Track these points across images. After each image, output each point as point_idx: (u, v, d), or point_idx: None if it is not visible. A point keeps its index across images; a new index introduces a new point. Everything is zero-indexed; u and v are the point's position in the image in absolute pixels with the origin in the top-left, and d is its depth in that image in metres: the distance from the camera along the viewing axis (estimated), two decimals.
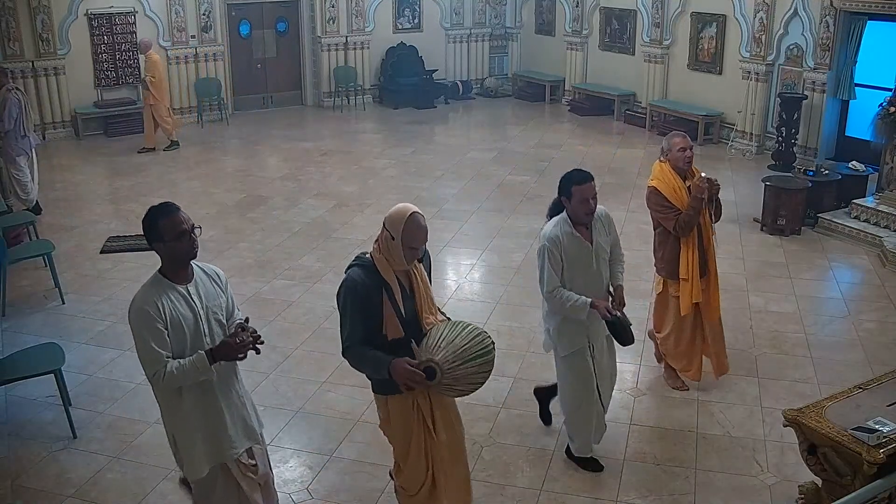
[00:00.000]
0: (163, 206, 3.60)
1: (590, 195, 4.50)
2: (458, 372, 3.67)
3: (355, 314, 3.73)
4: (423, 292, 3.85)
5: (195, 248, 3.59)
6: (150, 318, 3.45)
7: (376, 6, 16.12)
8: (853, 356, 6.36)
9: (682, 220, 5.39)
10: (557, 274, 4.58)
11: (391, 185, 11.05)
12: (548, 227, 4.67)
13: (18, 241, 8.32)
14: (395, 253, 3.72)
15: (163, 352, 3.45)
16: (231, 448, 3.70)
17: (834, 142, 11.74)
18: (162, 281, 3.57)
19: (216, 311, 3.68)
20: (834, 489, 4.03)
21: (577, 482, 4.87)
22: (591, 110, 15.31)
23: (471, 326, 3.81)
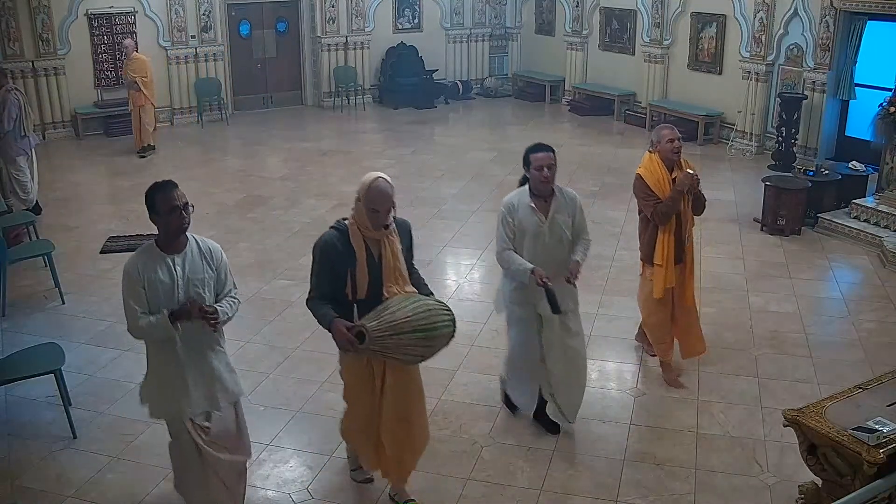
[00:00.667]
0: (161, 183, 4.03)
1: (544, 164, 4.83)
2: (390, 341, 3.98)
3: (322, 271, 4.16)
4: (391, 262, 4.17)
5: (185, 223, 4.01)
6: (131, 280, 3.97)
7: (376, 6, 16.12)
8: (853, 356, 6.36)
9: (660, 210, 5.59)
10: (508, 237, 4.91)
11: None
12: (509, 195, 5.05)
13: (18, 241, 8.32)
14: (360, 216, 4.12)
15: (137, 308, 3.94)
16: (183, 406, 4.09)
17: (834, 142, 11.75)
18: (152, 248, 4.05)
19: (197, 283, 4.07)
20: (834, 489, 4.03)
21: (577, 482, 4.87)
22: (591, 110, 15.32)
23: (423, 303, 4.11)
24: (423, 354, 4.16)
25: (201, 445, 4.12)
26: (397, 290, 4.17)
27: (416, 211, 9.85)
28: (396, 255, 4.21)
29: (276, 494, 4.77)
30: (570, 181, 10.73)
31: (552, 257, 4.91)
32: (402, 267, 4.24)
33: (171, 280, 4.00)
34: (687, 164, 5.70)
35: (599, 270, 7.99)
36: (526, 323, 5.07)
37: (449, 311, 4.20)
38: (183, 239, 4.07)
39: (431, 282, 7.64)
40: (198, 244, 4.13)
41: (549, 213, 4.93)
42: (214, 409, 4.18)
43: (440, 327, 4.11)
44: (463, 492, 4.78)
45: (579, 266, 4.94)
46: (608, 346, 6.53)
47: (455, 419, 5.52)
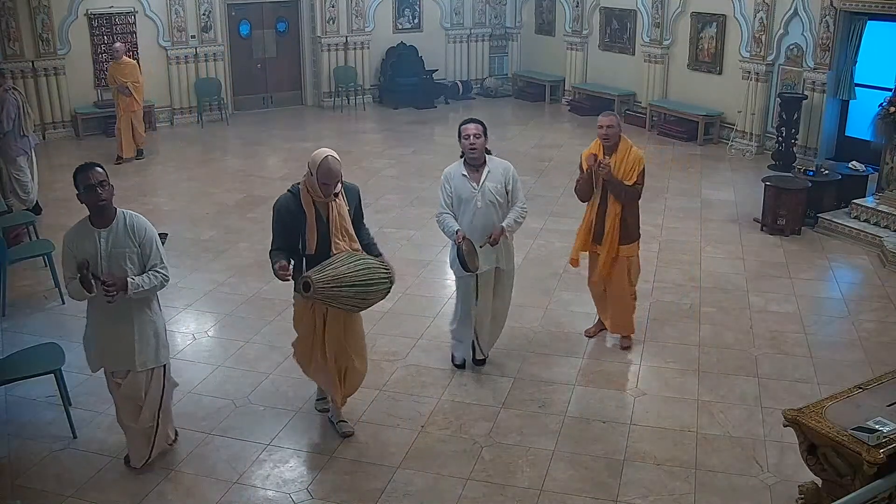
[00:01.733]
0: (83, 165, 4.55)
1: (471, 133, 5.57)
2: (331, 292, 4.62)
3: (278, 228, 4.89)
4: (337, 222, 4.82)
5: (100, 199, 4.46)
6: (65, 248, 4.60)
7: (376, 6, 16.12)
8: (853, 356, 6.36)
9: (576, 186, 6.24)
10: (445, 202, 5.65)
11: (391, 185, 11.05)
12: (449, 166, 5.76)
13: (18, 241, 8.32)
14: (312, 187, 4.76)
15: (68, 273, 4.57)
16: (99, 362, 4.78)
17: (834, 142, 11.75)
18: (85, 223, 4.60)
19: (119, 256, 4.53)
20: (834, 489, 4.03)
21: (577, 482, 4.87)
22: (591, 110, 15.26)
23: (364, 262, 4.77)
24: (358, 305, 4.84)
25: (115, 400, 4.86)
26: (345, 245, 4.84)
27: (416, 211, 9.85)
28: (343, 215, 4.86)
29: (276, 494, 4.78)
30: (570, 181, 10.73)
31: (485, 221, 5.61)
32: (348, 226, 4.89)
33: (95, 251, 4.51)
34: (627, 151, 6.00)
35: None
36: (465, 280, 5.80)
37: (387, 270, 4.90)
38: (110, 214, 4.57)
39: (431, 282, 7.72)
40: (125, 220, 4.59)
41: (481, 180, 5.62)
42: (129, 369, 4.71)
43: (376, 283, 4.79)
44: (463, 492, 4.78)
45: (502, 231, 5.62)
46: (608, 346, 6.53)
47: (455, 419, 5.52)
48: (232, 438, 5.28)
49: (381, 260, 4.98)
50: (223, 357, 6.40)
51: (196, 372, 6.11)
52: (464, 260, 5.48)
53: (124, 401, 4.82)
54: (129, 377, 4.74)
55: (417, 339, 6.56)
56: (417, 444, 5.24)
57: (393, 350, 6.46)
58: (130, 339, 4.66)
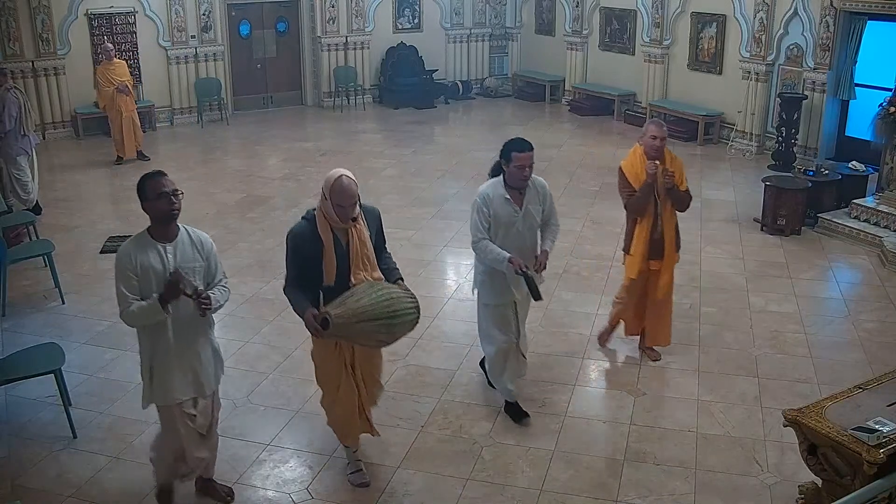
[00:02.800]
0: (151, 172, 4.21)
1: (526, 164, 4.97)
2: (354, 328, 4.19)
3: (294, 260, 4.41)
4: (358, 250, 4.38)
5: (174, 208, 4.11)
6: (123, 267, 4.11)
7: (376, 6, 16.12)
8: (853, 356, 6.36)
9: (631, 202, 5.79)
10: (483, 227, 5.08)
11: (391, 185, 11.05)
12: (484, 185, 5.19)
13: (18, 241, 8.31)
14: (328, 212, 4.31)
15: (129, 294, 4.08)
16: (173, 392, 4.25)
17: (834, 142, 11.75)
18: (144, 237, 4.18)
19: (188, 271, 4.15)
20: (834, 489, 4.03)
21: (577, 482, 4.87)
22: (591, 110, 15.32)
23: (387, 292, 4.30)
24: (385, 340, 4.38)
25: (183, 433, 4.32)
26: (365, 275, 4.39)
27: (417, 211, 9.85)
28: (364, 242, 4.42)
29: (276, 494, 4.78)
30: (571, 181, 10.75)
31: (523, 244, 5.15)
32: (370, 253, 4.46)
33: (162, 267, 4.12)
34: (672, 158, 5.77)
35: (599, 271, 8.00)
36: (503, 307, 5.28)
37: (413, 299, 4.40)
38: (174, 228, 4.20)
39: (431, 282, 7.71)
40: (189, 234, 4.25)
41: (523, 203, 5.13)
42: (200, 396, 4.35)
43: (402, 314, 4.30)
44: (463, 492, 4.78)
45: (547, 256, 5.20)
46: (608, 347, 6.53)
47: (455, 419, 5.52)
48: (232, 438, 5.28)
49: (404, 288, 4.49)
50: (223, 357, 6.39)
51: None
52: (536, 289, 4.94)
53: (193, 434, 4.38)
54: (200, 405, 4.37)
55: (417, 339, 6.56)
56: (417, 444, 5.24)
57: (393, 350, 6.41)
58: (197, 362, 4.30)
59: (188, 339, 4.26)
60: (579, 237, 8.85)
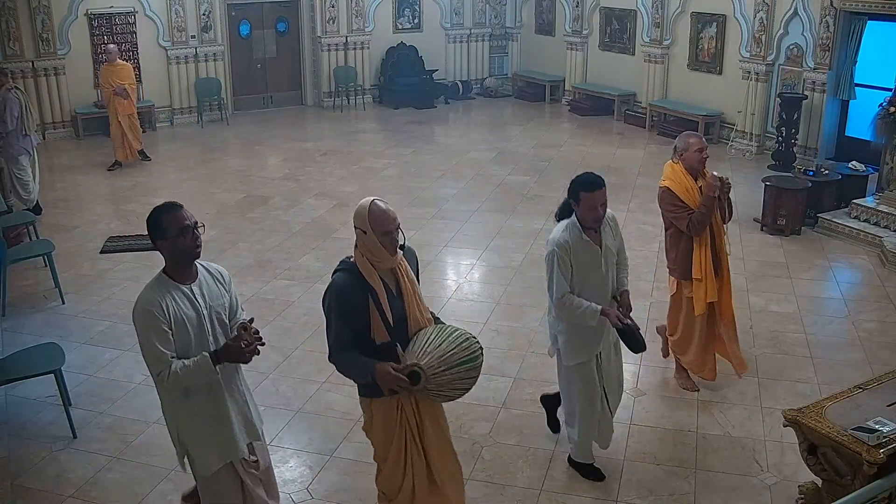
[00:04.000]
0: (166, 204, 3.62)
1: (598, 203, 4.41)
2: (443, 378, 3.63)
3: (340, 319, 3.64)
4: (411, 291, 3.74)
5: (198, 245, 3.59)
6: (154, 319, 3.45)
7: (376, 6, 16.12)
8: (853, 356, 6.36)
9: (696, 219, 5.38)
10: (567, 279, 4.47)
11: (391, 185, 11.05)
12: (556, 232, 4.56)
13: (18, 241, 8.31)
14: (374, 247, 3.62)
15: (167, 352, 3.46)
16: (236, 447, 3.73)
17: (834, 142, 11.74)
18: (166, 280, 3.57)
19: (219, 310, 3.69)
20: (834, 489, 4.03)
21: (577, 482, 4.87)
22: (591, 110, 15.31)
23: (459, 332, 3.74)
24: (467, 387, 3.79)
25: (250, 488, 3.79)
26: (421, 319, 3.77)
27: (417, 211, 9.85)
28: (413, 281, 3.80)
29: None
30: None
31: (606, 286, 4.59)
32: (420, 292, 3.83)
33: (196, 313, 3.57)
34: (707, 171, 5.50)
35: None
36: (588, 365, 4.68)
37: (474, 336, 3.82)
38: (194, 266, 3.65)
39: (432, 282, 7.71)
40: (206, 269, 3.73)
41: (602, 242, 4.56)
42: (254, 440, 3.87)
43: (478, 354, 3.76)
44: None
45: (629, 295, 4.67)
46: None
47: (455, 419, 5.50)
48: None
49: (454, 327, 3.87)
50: None
51: None
52: (640, 339, 4.44)
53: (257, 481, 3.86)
54: (257, 448, 3.89)
55: None
56: None
57: None
58: (244, 404, 3.80)
59: (234, 384, 3.76)
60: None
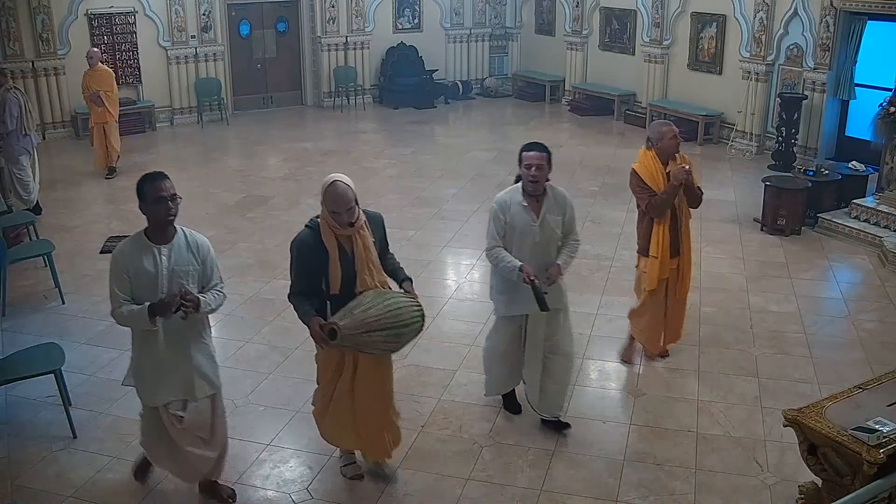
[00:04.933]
0: (152, 173, 4.18)
1: (533, 163, 4.89)
2: (360, 339, 4.20)
3: (300, 268, 4.38)
4: (363, 256, 4.32)
5: (171, 213, 4.12)
6: (117, 265, 4.13)
7: (376, 6, 16.12)
8: (853, 356, 6.36)
9: (655, 202, 5.70)
10: (498, 234, 4.98)
11: (391, 185, 11.05)
12: (502, 192, 5.11)
13: (18, 241, 8.31)
14: (326, 217, 4.29)
15: (120, 294, 4.11)
16: (158, 395, 4.28)
17: (834, 142, 11.75)
18: (140, 238, 4.19)
19: (182, 274, 4.18)
20: (834, 489, 4.03)
21: (577, 482, 4.87)
22: (591, 110, 15.32)
23: (394, 301, 4.29)
24: (391, 349, 4.42)
25: (172, 434, 4.33)
26: (371, 281, 4.35)
27: (417, 211, 9.85)
28: (368, 248, 4.36)
29: (276, 494, 4.78)
30: (571, 181, 10.74)
31: (540, 256, 4.98)
32: (375, 259, 4.41)
33: (155, 270, 4.13)
34: (682, 157, 5.78)
35: (600, 271, 8.00)
36: (511, 321, 5.20)
37: (419, 306, 4.42)
38: (171, 230, 4.20)
39: (431, 282, 7.71)
40: (186, 237, 4.24)
41: (541, 212, 4.98)
42: (191, 399, 4.32)
43: (409, 323, 4.32)
44: (463, 492, 4.78)
45: (560, 270, 4.99)
46: (608, 346, 6.53)
47: (455, 419, 5.52)
48: (232, 438, 5.25)
49: (410, 293, 4.48)
50: (223, 357, 6.38)
51: None
52: (542, 296, 4.79)
53: (185, 434, 4.36)
54: (190, 408, 4.33)
55: (418, 340, 6.54)
56: (417, 444, 5.24)
57: None
58: (188, 366, 4.28)
59: (180, 344, 4.25)
60: (579, 237, 8.83)
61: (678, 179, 5.57)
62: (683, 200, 5.81)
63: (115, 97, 11.18)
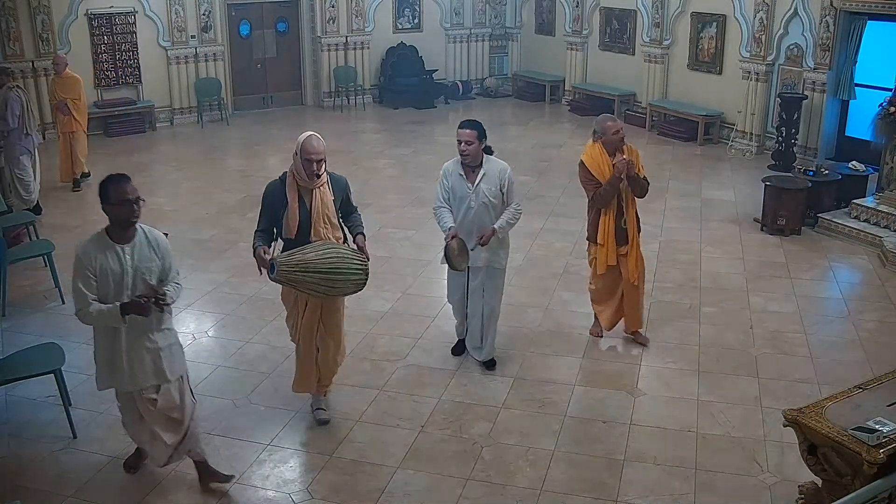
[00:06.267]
0: (116, 175, 4.34)
1: (463, 138, 5.65)
2: (295, 276, 4.72)
3: (264, 211, 5.08)
4: (319, 209, 4.97)
5: (134, 216, 4.29)
6: (82, 265, 4.24)
7: (376, 6, 16.12)
8: (853, 356, 6.36)
9: (599, 193, 6.06)
10: (442, 196, 5.76)
11: (391, 184, 11.05)
12: (448, 161, 5.88)
13: (18, 241, 8.31)
14: (298, 167, 4.96)
15: (87, 293, 4.23)
16: (123, 380, 4.47)
17: (834, 142, 11.75)
18: (103, 237, 4.32)
19: (144, 272, 4.36)
20: (834, 489, 4.03)
21: (577, 482, 4.87)
22: (592, 110, 15.26)
23: (336, 251, 4.85)
24: (324, 293, 4.90)
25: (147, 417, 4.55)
26: (326, 234, 4.99)
27: (417, 211, 9.85)
28: (326, 203, 5.01)
29: (276, 494, 4.78)
30: (571, 181, 10.73)
31: (478, 220, 5.72)
32: (331, 215, 5.04)
33: (120, 268, 4.29)
34: (630, 149, 6.07)
35: None
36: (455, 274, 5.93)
37: (362, 263, 4.95)
38: (132, 229, 4.36)
39: (431, 281, 7.72)
40: (145, 234, 4.42)
41: (476, 181, 5.71)
42: (163, 382, 4.52)
43: (346, 273, 4.84)
44: (463, 492, 4.78)
45: (494, 232, 5.68)
46: (608, 346, 6.54)
47: (455, 419, 5.52)
48: (232, 438, 5.28)
49: (355, 251, 5.02)
50: (223, 357, 6.41)
51: (196, 372, 6.09)
52: (449, 258, 5.61)
53: (160, 417, 4.56)
54: (162, 391, 4.53)
55: (417, 339, 6.56)
56: (417, 444, 5.24)
57: (393, 350, 6.46)
58: (157, 352, 4.48)
59: (143, 334, 4.42)
60: (579, 237, 8.82)
61: (619, 171, 5.92)
62: (629, 190, 6.09)
63: (83, 106, 10.66)
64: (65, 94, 10.42)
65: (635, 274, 6.30)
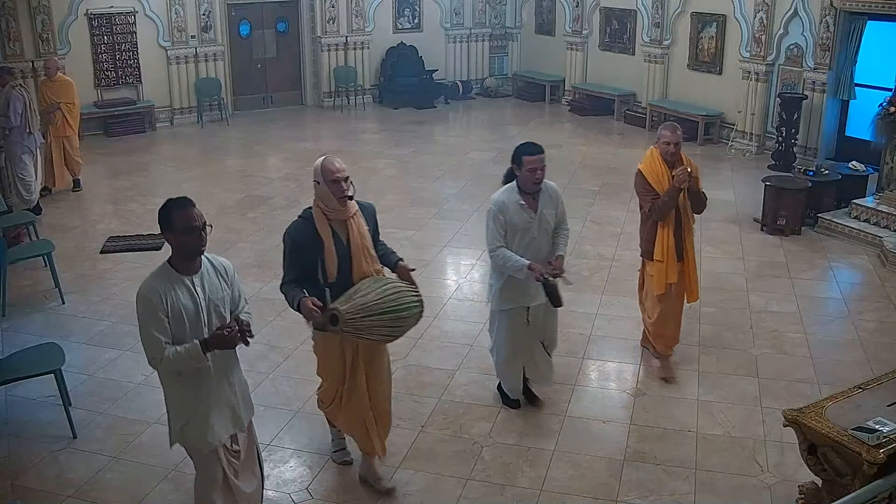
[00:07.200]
0: (179, 199, 3.76)
1: (538, 166, 5.02)
2: (362, 323, 4.18)
3: (292, 258, 4.39)
4: (359, 242, 4.38)
5: (203, 244, 3.74)
6: (151, 306, 3.64)
7: (376, 6, 16.12)
8: (853, 356, 6.36)
9: (657, 205, 5.71)
10: (500, 235, 5.08)
11: (391, 185, 11.05)
12: (497, 193, 5.18)
13: (18, 241, 8.31)
14: (325, 196, 4.29)
15: (161, 337, 3.64)
16: (215, 434, 3.87)
17: (834, 142, 11.74)
18: (169, 271, 3.74)
19: (218, 303, 3.84)
20: (834, 489, 4.03)
21: (577, 482, 4.87)
22: (591, 110, 15.31)
23: (392, 285, 4.35)
24: (392, 334, 4.40)
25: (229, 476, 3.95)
26: (367, 268, 4.41)
27: (417, 211, 9.85)
28: (363, 234, 4.42)
29: (276, 494, 4.77)
30: (571, 181, 10.74)
31: (539, 250, 5.15)
32: (370, 246, 4.46)
33: (193, 304, 3.73)
34: (689, 161, 5.77)
35: (600, 271, 8.00)
36: (516, 313, 5.29)
37: (416, 292, 4.45)
38: (198, 259, 3.81)
39: (431, 282, 7.71)
40: (211, 262, 3.88)
41: (538, 208, 5.14)
42: (239, 431, 4.01)
43: (409, 307, 4.36)
44: (463, 492, 4.78)
45: (563, 260, 5.19)
46: (608, 346, 6.54)
47: (455, 419, 5.52)
48: None
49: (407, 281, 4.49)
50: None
51: None
52: (556, 295, 4.98)
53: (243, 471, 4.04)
54: (241, 438, 4.02)
55: (417, 339, 6.56)
56: (417, 444, 5.24)
57: (393, 350, 6.41)
58: (234, 396, 3.94)
59: (226, 375, 3.91)
60: (579, 237, 8.84)
61: (679, 181, 5.60)
62: (688, 205, 5.80)
63: (76, 110, 10.51)
64: (58, 98, 10.28)
65: (693, 295, 5.99)
